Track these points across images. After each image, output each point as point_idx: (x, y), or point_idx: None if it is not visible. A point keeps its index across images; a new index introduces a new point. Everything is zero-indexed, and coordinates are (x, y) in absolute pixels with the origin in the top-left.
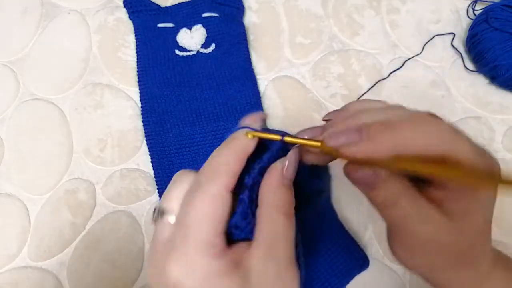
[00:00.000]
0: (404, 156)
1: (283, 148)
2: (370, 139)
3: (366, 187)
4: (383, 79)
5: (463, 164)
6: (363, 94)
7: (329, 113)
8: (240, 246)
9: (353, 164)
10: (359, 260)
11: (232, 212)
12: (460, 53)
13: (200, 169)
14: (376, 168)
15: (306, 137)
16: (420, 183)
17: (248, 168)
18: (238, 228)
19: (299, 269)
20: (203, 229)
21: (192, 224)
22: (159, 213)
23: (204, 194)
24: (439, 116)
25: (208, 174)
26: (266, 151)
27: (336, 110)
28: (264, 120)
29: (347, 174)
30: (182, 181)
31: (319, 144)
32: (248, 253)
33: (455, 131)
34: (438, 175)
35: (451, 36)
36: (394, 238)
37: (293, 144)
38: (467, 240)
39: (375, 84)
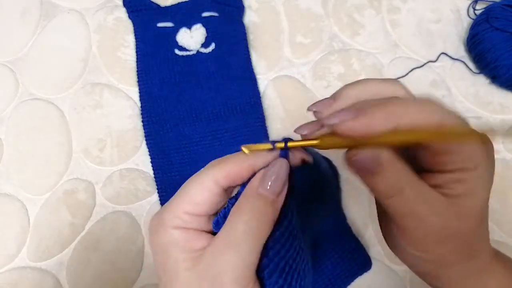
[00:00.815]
0: (401, 129)
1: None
2: (366, 114)
3: (367, 173)
4: None
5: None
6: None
7: (316, 104)
8: (208, 237)
9: (353, 150)
10: (362, 262)
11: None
12: (463, 62)
13: None
14: (377, 150)
15: (304, 135)
16: (418, 172)
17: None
18: (216, 224)
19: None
20: (177, 204)
21: (174, 198)
22: None
23: (194, 180)
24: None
25: (210, 165)
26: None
27: (325, 99)
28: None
29: (348, 160)
30: None
31: (317, 142)
32: (206, 248)
33: (445, 109)
34: (436, 140)
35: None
36: (400, 233)
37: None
38: (471, 224)
39: None
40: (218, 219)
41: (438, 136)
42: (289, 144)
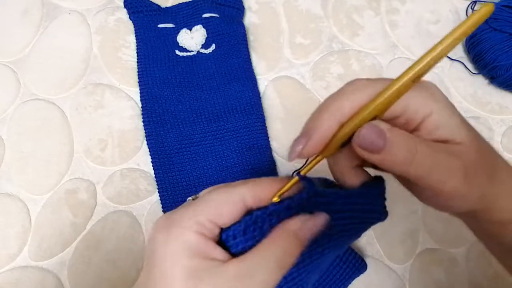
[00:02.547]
0: (347, 120)
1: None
2: (313, 134)
3: (378, 150)
4: None
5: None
6: None
7: (293, 150)
8: (223, 250)
9: (355, 135)
10: (356, 265)
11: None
12: (462, 62)
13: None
14: (376, 125)
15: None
16: None
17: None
18: (236, 239)
19: None
20: (202, 210)
21: (196, 205)
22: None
23: (225, 191)
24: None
25: (241, 183)
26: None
27: (297, 140)
28: None
29: (355, 145)
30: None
31: (320, 157)
32: (230, 263)
33: (368, 80)
34: (382, 108)
35: None
36: (433, 193)
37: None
38: (472, 153)
39: None
40: (234, 233)
41: (381, 105)
42: (302, 172)
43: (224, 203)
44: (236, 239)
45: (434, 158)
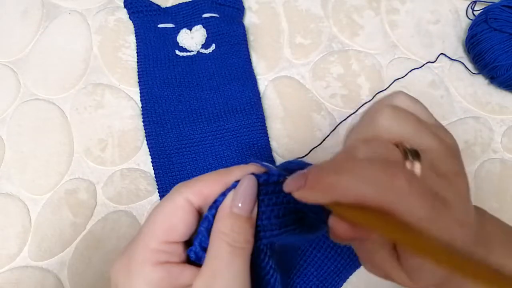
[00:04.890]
0: (345, 204)
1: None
2: (308, 186)
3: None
4: (383, 90)
5: (406, 221)
6: (363, 104)
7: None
8: (192, 269)
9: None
10: (352, 259)
11: None
12: (462, 62)
13: None
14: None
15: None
16: None
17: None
18: (196, 254)
19: None
20: (151, 234)
21: (144, 228)
22: None
23: (165, 201)
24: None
25: (180, 184)
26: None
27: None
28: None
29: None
30: None
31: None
32: (193, 283)
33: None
34: (377, 230)
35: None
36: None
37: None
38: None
39: (374, 96)
40: (195, 250)
41: (381, 228)
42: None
43: (170, 215)
44: (199, 255)
45: None
